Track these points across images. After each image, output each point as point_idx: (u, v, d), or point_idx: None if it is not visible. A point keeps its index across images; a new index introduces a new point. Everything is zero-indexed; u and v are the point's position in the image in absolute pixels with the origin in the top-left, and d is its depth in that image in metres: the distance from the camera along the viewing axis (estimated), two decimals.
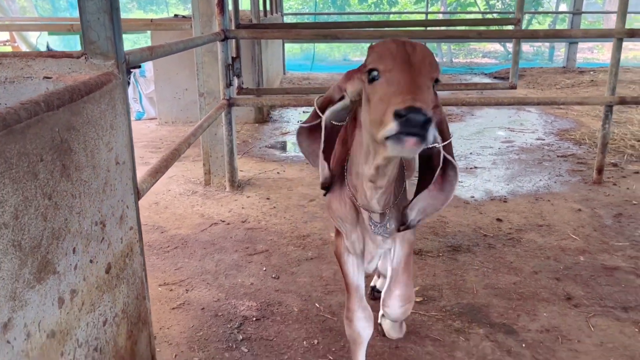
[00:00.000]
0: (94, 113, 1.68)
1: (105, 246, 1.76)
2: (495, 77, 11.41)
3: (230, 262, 3.32)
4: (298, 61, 14.60)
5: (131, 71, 7.85)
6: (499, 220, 3.88)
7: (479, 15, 18.63)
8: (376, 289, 2.80)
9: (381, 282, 2.71)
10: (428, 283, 3.01)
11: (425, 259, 3.29)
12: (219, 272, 3.19)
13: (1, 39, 10.29)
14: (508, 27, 9.37)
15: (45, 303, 1.36)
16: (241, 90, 4.68)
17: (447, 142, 1.59)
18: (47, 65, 1.87)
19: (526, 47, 17.26)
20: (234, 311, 2.79)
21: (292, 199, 4.38)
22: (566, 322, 2.64)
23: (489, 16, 17.79)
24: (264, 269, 3.23)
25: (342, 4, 22.43)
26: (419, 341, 2.51)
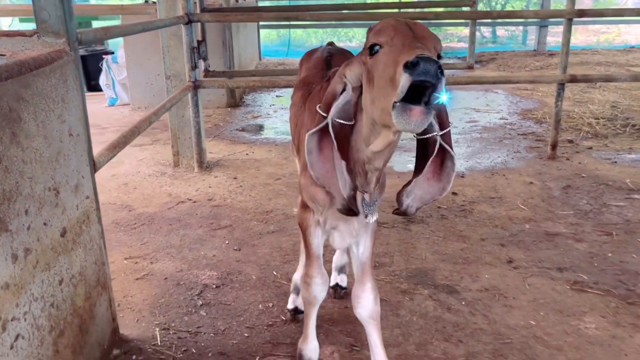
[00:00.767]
0: (44, 86, 1.80)
1: (60, 211, 1.89)
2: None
3: (194, 236, 3.47)
4: (275, 47, 14.63)
5: (103, 57, 7.89)
6: (454, 193, 4.07)
7: None
8: (339, 286, 2.77)
9: (341, 277, 2.78)
10: (381, 251, 3.19)
11: (380, 229, 3.46)
12: (183, 246, 3.34)
13: None
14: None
15: None
16: (208, 73, 4.79)
17: (446, 131, 1.53)
18: (1, 44, 1.98)
19: (501, 32, 17.46)
20: (195, 280, 2.94)
21: (259, 178, 4.52)
22: (505, 282, 2.84)
23: None
24: (227, 242, 3.38)
25: None
26: None
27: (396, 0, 9.15)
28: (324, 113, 1.57)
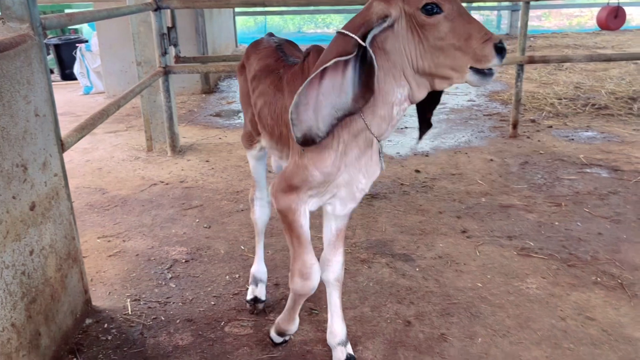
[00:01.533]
0: (8, 68, 1.92)
1: (29, 186, 2.02)
2: None
3: (166, 216, 3.60)
4: (252, 34, 14.67)
5: (77, 46, 7.90)
6: (417, 171, 4.26)
7: None
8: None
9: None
10: None
11: None
12: (154, 225, 3.47)
13: None
14: None
15: None
16: (179, 59, 4.88)
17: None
18: None
19: (476, 16, 17.68)
20: (165, 256, 3.08)
21: (231, 160, 4.66)
22: (457, 250, 3.03)
23: None
24: (197, 220, 3.52)
25: None
26: None
27: None
28: (361, 40, 1.54)
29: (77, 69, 7.83)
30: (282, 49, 2.26)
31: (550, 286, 2.66)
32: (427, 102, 1.80)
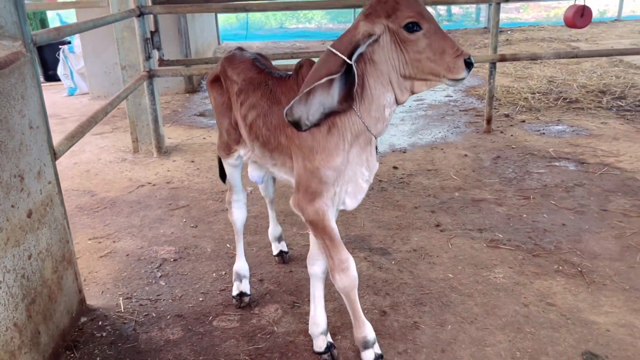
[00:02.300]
0: (4, 86, 2.05)
1: (25, 195, 2.16)
2: None
3: (153, 216, 3.75)
4: (235, 30, 14.74)
5: (60, 47, 7.95)
6: (395, 168, 4.44)
7: None
8: (284, 252, 3.07)
9: (282, 244, 3.09)
10: None
11: None
12: (143, 226, 3.62)
13: None
14: None
15: None
16: (162, 62, 5.00)
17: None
18: None
19: (456, 9, 17.88)
20: (154, 255, 3.23)
21: (215, 160, 4.79)
22: (431, 243, 3.23)
23: None
24: (184, 220, 3.68)
25: None
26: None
27: None
28: (347, 59, 1.81)
29: (60, 70, 7.88)
30: (260, 62, 2.42)
31: (515, 275, 2.86)
32: None
